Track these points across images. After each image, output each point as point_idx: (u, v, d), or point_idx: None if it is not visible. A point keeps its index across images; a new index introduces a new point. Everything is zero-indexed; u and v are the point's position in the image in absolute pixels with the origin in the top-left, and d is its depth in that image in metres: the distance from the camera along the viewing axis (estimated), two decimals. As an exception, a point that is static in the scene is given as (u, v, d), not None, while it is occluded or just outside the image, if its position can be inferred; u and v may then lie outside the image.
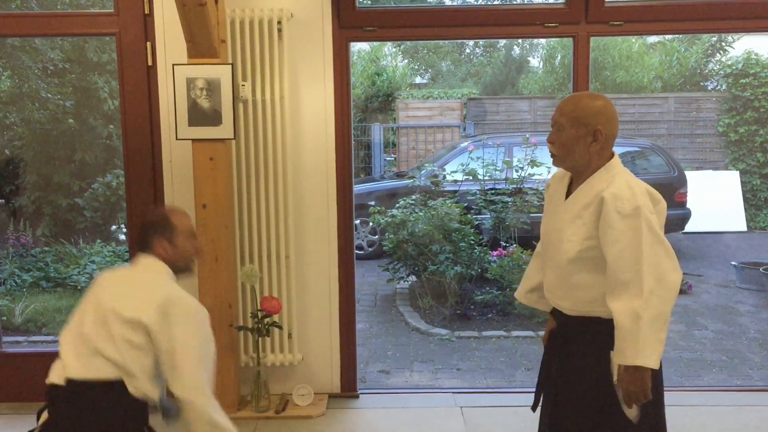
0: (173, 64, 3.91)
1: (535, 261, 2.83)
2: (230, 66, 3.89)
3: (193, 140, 3.95)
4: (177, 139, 3.95)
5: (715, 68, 13.89)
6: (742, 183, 11.59)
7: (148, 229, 2.68)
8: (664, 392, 2.56)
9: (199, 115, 3.91)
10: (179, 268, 2.70)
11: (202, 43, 3.80)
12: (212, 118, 3.91)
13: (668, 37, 14.00)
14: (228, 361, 4.08)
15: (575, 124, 2.38)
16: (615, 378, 2.37)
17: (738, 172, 11.76)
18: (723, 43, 13.70)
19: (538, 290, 2.78)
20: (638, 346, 2.27)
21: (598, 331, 2.41)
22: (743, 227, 11.08)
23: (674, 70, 14.16)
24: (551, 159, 2.50)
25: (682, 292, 7.53)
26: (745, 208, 11.32)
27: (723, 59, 13.62)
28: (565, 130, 2.40)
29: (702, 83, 14.19)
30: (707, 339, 6.23)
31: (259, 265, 4.19)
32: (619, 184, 2.34)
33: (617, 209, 2.29)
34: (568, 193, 2.51)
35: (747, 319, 6.80)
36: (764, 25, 4.17)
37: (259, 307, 4.07)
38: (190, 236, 2.72)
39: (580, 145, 2.39)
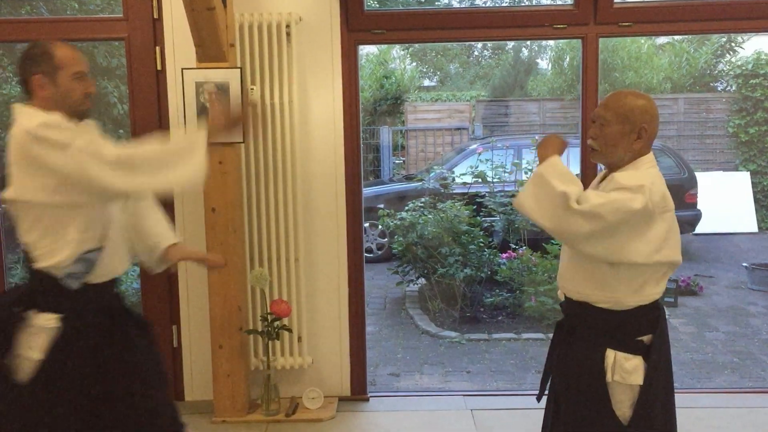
0: (182, 69, 3.92)
1: None
2: (239, 70, 3.90)
3: (203, 144, 3.95)
4: (186, 143, 3.96)
5: (724, 69, 13.83)
6: (753, 184, 11.53)
7: (26, 64, 2.44)
8: (675, 394, 2.56)
9: (208, 119, 3.91)
10: (68, 113, 2.46)
11: (211, 47, 3.81)
12: (221, 121, 3.90)
13: (677, 37, 13.94)
14: (238, 365, 4.09)
15: (621, 120, 2.41)
16: (609, 376, 2.38)
17: (749, 173, 11.71)
18: (733, 44, 13.64)
19: None
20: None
21: (596, 323, 2.43)
22: (754, 228, 11.02)
23: (684, 71, 14.10)
24: (590, 154, 2.52)
25: (693, 293, 7.53)
26: (756, 209, 11.26)
27: (733, 60, 13.55)
28: (611, 126, 2.42)
29: (712, 84, 14.12)
30: (718, 341, 6.20)
31: (268, 268, 4.19)
32: (639, 172, 2.39)
33: (622, 180, 2.34)
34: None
35: (759, 321, 6.77)
36: (774, 25, 4.14)
37: (268, 311, 4.08)
38: (78, 76, 2.47)
39: (624, 141, 2.42)
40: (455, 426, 4.06)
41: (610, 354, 2.39)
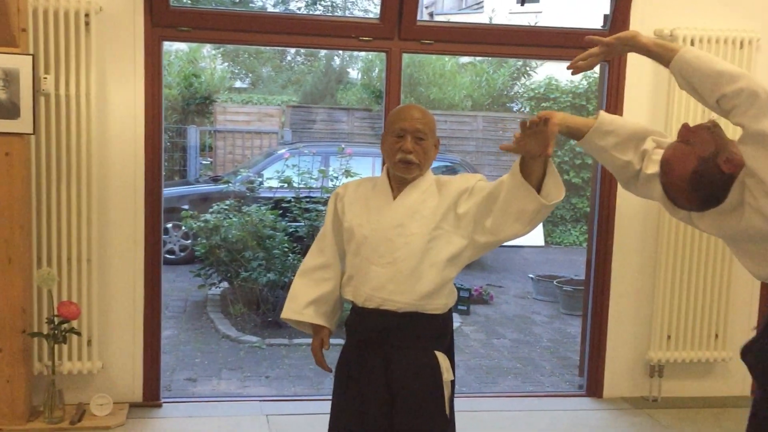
0: (-33, 51, 3.65)
1: (317, 273, 2.75)
2: (31, 56, 3.69)
3: (-13, 133, 3.70)
4: (-32, 131, 3.69)
5: (520, 91, 14.76)
6: (540, 200, 12.32)
7: None
8: (462, 399, 2.74)
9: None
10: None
11: None
12: (9, 110, 3.68)
13: (479, 58, 14.71)
14: (19, 370, 3.85)
15: (431, 134, 2.54)
16: (445, 376, 2.53)
17: (537, 189, 12.51)
18: (527, 68, 14.59)
19: (317, 303, 2.76)
20: None
21: (426, 330, 2.55)
22: (541, 242, 11.82)
23: (483, 91, 14.90)
24: (408, 168, 2.51)
25: (484, 302, 7.95)
26: (543, 224, 12.08)
27: (527, 83, 14.51)
28: (428, 139, 2.52)
29: (508, 104, 15.03)
30: (505, 347, 6.58)
31: (57, 268, 3.97)
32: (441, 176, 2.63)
33: (460, 180, 2.59)
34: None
35: (541, 329, 7.26)
36: (562, 53, 4.40)
37: (55, 313, 3.87)
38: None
39: (433, 153, 2.56)
40: (250, 431, 4.04)
41: (439, 355, 2.55)
